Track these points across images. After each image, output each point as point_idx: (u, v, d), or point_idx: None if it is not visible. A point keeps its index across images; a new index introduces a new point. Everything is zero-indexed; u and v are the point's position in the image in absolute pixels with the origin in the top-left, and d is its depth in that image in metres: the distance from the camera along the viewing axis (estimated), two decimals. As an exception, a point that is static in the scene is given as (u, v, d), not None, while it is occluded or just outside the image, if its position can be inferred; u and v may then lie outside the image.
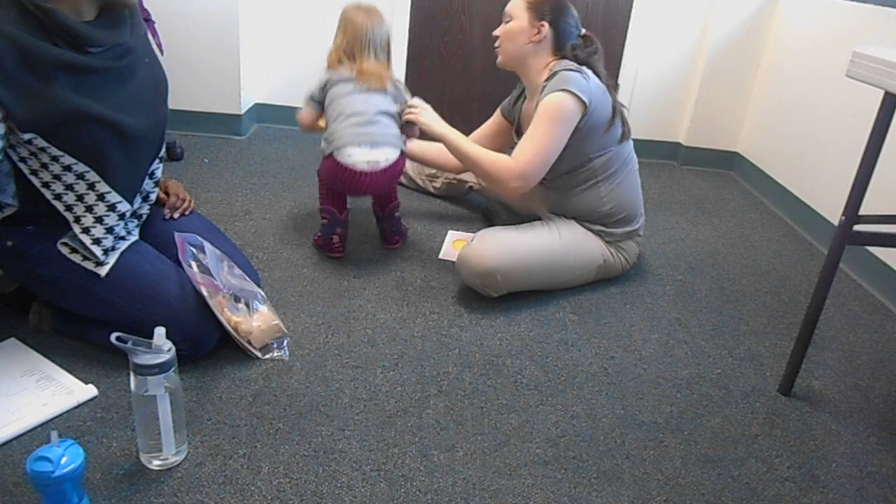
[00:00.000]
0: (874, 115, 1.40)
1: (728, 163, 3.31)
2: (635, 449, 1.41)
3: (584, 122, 1.86)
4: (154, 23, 2.40)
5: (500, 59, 2.03)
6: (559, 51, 1.96)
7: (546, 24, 1.92)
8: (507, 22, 1.97)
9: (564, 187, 2.01)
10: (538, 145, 1.85)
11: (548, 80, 1.88)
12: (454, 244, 2.21)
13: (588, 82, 1.86)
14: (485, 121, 2.37)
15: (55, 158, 1.34)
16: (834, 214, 2.39)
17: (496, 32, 2.01)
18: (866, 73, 1.34)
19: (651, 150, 3.30)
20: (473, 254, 1.86)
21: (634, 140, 2.08)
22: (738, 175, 3.25)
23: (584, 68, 1.90)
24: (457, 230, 2.31)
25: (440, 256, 2.13)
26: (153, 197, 1.60)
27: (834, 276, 1.51)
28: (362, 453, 1.32)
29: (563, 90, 1.82)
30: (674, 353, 1.76)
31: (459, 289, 1.95)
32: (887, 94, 1.36)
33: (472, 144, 1.97)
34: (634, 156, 2.06)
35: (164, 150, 1.58)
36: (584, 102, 1.83)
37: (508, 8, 1.97)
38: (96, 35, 1.34)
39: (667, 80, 3.20)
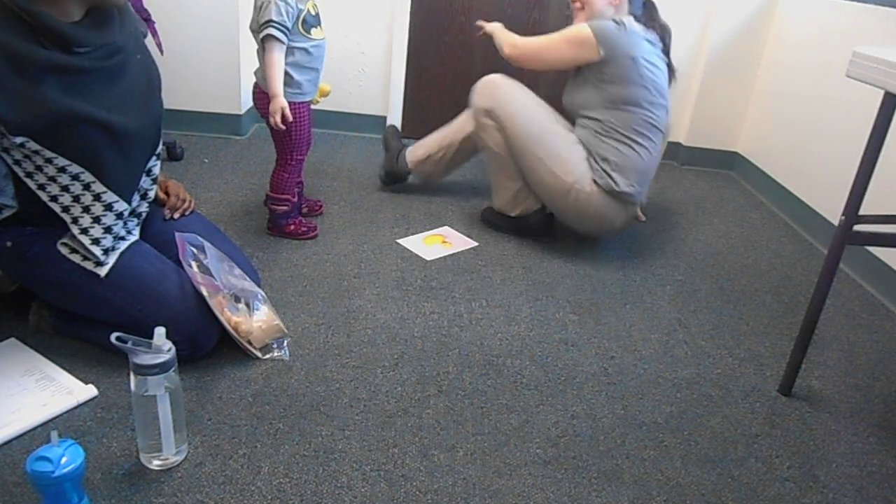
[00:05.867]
0: (874, 115, 1.40)
1: (728, 163, 3.30)
2: (635, 449, 1.41)
3: (601, 68, 2.05)
4: (154, 23, 2.40)
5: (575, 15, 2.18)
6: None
7: None
8: None
9: (580, 124, 2.17)
10: (540, 45, 2.14)
11: None
12: (426, 241, 2.24)
13: (619, 33, 2.01)
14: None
15: (49, 161, 1.34)
16: (834, 214, 2.39)
17: None
18: (866, 73, 1.34)
19: (651, 150, 3.30)
20: (491, 81, 2.19)
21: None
22: (738, 175, 3.25)
23: (629, 23, 2.03)
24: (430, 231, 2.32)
25: (426, 258, 2.13)
26: (151, 195, 1.58)
27: (834, 276, 1.51)
28: (362, 453, 1.32)
29: (589, 25, 2.03)
30: (674, 353, 1.76)
31: (459, 289, 1.95)
32: (887, 94, 1.36)
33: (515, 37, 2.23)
34: (659, 141, 2.15)
35: (161, 146, 1.57)
36: (597, 47, 2.02)
37: None
38: (84, 35, 1.33)
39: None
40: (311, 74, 1.99)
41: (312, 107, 2.10)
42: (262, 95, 1.98)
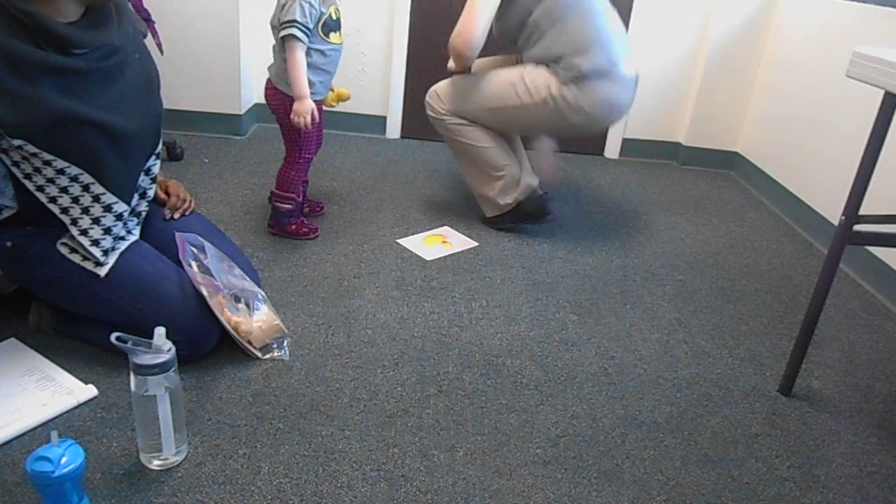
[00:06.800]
0: (874, 115, 1.40)
1: (728, 163, 3.30)
2: (635, 449, 1.41)
3: None
4: (154, 23, 2.40)
5: None
6: None
7: None
8: None
9: (523, 47, 2.22)
10: (471, 8, 2.11)
11: None
12: (426, 241, 2.24)
13: None
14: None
15: (47, 162, 1.33)
16: (834, 214, 2.39)
17: None
18: (866, 73, 1.34)
19: (651, 150, 3.29)
20: (433, 92, 2.28)
21: (634, 139, 2.09)
22: (738, 175, 3.25)
23: None
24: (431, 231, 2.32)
25: (427, 258, 2.14)
26: (151, 194, 1.58)
27: (834, 276, 1.51)
28: (362, 453, 1.32)
29: None
30: (674, 353, 1.76)
31: (459, 289, 1.95)
32: (887, 94, 1.36)
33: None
34: (590, 7, 2.15)
35: (160, 145, 1.57)
36: None
37: None
38: (81, 36, 1.32)
39: (667, 79, 3.20)
40: (325, 76, 2.00)
41: (326, 109, 2.11)
42: (273, 92, 1.99)
